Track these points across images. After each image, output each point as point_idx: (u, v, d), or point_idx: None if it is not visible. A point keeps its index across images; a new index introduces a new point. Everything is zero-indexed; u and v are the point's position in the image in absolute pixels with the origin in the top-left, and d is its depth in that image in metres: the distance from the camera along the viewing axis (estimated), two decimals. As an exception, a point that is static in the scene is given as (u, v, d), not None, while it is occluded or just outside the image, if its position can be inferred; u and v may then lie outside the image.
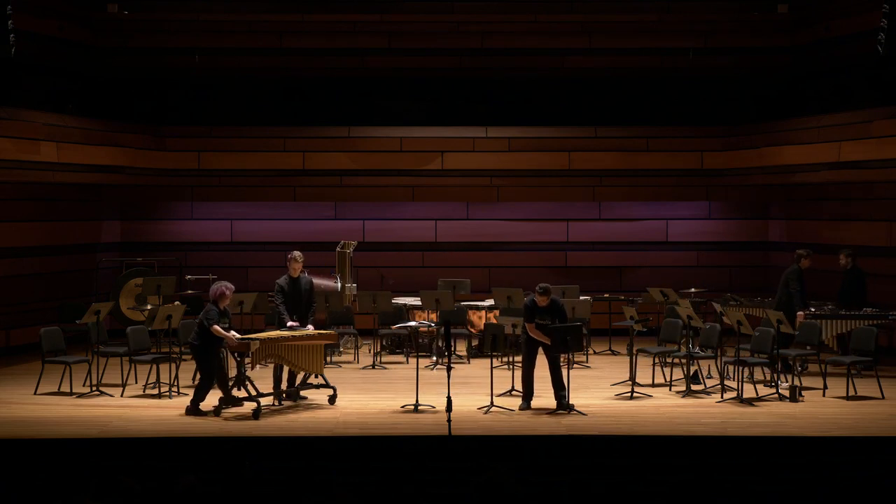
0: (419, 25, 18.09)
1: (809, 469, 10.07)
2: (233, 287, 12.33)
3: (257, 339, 12.01)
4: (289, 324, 12.68)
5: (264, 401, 12.05)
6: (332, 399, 12.50)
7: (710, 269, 18.66)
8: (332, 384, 12.61)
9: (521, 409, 12.12)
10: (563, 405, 12.02)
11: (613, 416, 11.80)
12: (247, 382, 12.05)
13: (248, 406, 11.91)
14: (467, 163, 18.10)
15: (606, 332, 16.36)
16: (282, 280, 12.91)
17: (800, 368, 13.54)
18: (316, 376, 12.66)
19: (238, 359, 12.10)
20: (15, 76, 15.76)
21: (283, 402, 12.46)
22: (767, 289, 17.13)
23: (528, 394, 12.24)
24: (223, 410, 11.87)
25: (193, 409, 11.90)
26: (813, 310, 14.11)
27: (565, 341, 11.84)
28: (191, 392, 12.99)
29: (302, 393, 12.72)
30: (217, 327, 11.93)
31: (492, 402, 12.07)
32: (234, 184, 18.21)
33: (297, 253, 12.97)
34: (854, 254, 14.83)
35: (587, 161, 18.08)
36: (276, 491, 8.29)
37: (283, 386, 12.66)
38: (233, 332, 12.06)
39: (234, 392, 12.06)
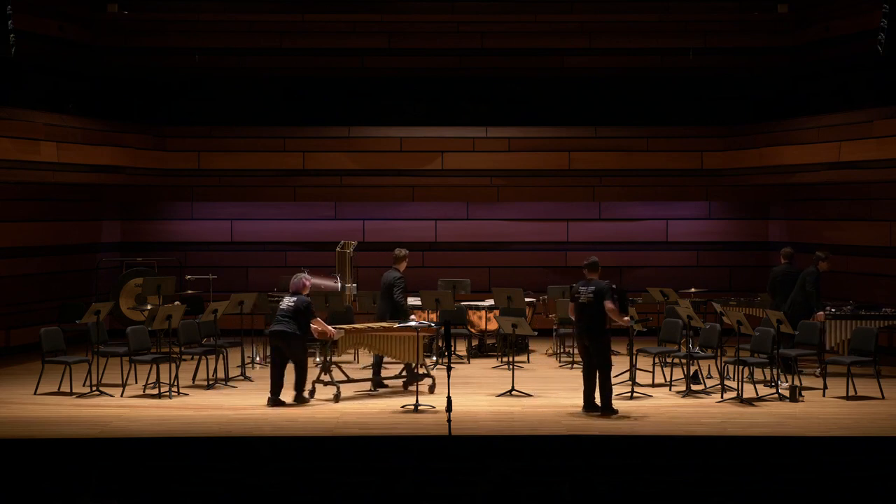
0: (419, 25, 18.10)
1: (809, 469, 10.07)
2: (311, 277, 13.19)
3: (342, 328, 12.86)
4: (412, 317, 13.63)
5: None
6: (431, 388, 13.05)
7: (710, 269, 18.65)
8: (431, 375, 13.23)
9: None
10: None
11: (613, 416, 11.80)
12: (332, 368, 12.85)
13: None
14: (467, 163, 18.10)
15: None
16: (397, 274, 13.68)
17: (802, 370, 13.55)
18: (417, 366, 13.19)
19: (326, 347, 12.99)
20: (15, 76, 15.76)
21: (377, 390, 13.27)
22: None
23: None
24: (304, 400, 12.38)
25: (300, 398, 12.47)
26: (833, 310, 14.08)
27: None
28: (190, 392, 13.02)
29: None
30: (319, 319, 12.78)
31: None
32: (234, 184, 18.21)
33: (405, 251, 13.94)
34: (793, 253, 14.79)
35: (587, 161, 18.09)
36: (276, 491, 8.30)
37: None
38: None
39: (323, 377, 12.80)
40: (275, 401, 12.33)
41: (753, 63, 18.07)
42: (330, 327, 12.70)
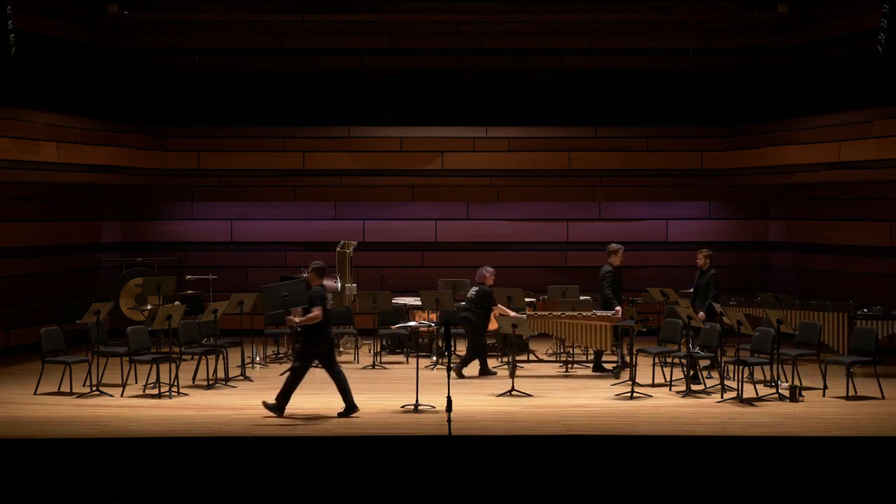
0: (419, 25, 18.10)
1: (809, 469, 10.07)
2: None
3: (525, 314, 13.96)
4: (616, 308, 13.99)
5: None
6: (616, 372, 13.94)
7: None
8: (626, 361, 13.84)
9: None
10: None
11: (613, 416, 11.81)
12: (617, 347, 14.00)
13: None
14: (467, 163, 18.10)
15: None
16: (609, 268, 14.22)
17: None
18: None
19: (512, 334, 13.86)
20: (15, 76, 15.76)
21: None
22: (767, 289, 17.13)
23: None
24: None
25: (459, 373, 13.83)
26: (865, 310, 14.07)
27: None
28: (190, 392, 13.04)
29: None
30: (501, 307, 14.09)
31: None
32: (234, 184, 18.21)
33: (617, 245, 14.47)
34: (713, 255, 14.72)
35: (587, 161, 18.09)
36: (276, 491, 8.31)
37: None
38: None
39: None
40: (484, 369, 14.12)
41: (753, 63, 18.07)
42: (512, 312, 14.04)
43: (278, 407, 11.75)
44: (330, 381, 12.52)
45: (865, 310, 14.22)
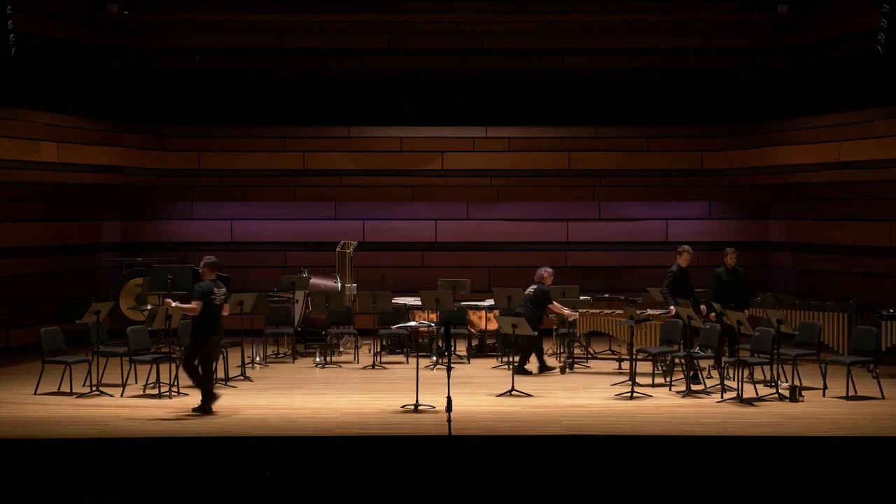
0: (419, 25, 18.09)
1: (809, 469, 10.07)
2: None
3: (577, 312, 14.63)
4: (671, 308, 13.90)
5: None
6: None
7: (710, 269, 18.61)
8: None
9: None
10: None
11: (613, 416, 11.81)
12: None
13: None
14: (467, 163, 18.10)
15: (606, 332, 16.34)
16: (673, 268, 14.21)
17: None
18: None
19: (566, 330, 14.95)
20: (15, 76, 15.76)
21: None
22: (767, 289, 17.13)
23: None
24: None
25: (521, 369, 14.14)
26: (892, 310, 14.07)
27: None
28: (191, 392, 13.01)
29: None
30: (557, 304, 14.60)
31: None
32: (234, 184, 18.21)
33: (684, 246, 14.44)
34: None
35: (587, 161, 18.09)
36: (276, 491, 8.31)
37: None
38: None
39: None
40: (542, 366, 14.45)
41: (754, 63, 18.07)
42: (567, 310, 14.67)
43: (205, 407, 11.94)
44: (330, 381, 12.59)
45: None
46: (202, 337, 12.03)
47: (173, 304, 12.26)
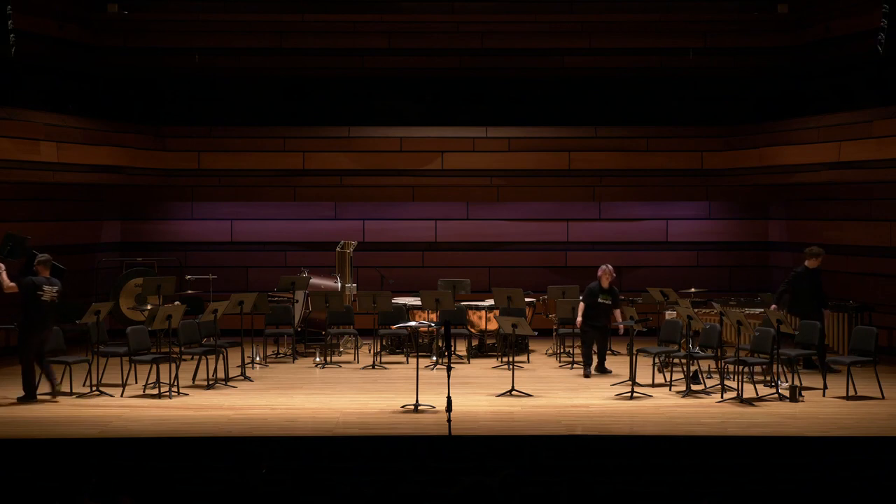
0: (419, 25, 18.09)
1: (809, 469, 10.07)
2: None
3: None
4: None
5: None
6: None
7: (710, 269, 18.66)
8: None
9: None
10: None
11: (613, 416, 11.81)
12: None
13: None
14: (467, 163, 18.10)
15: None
16: (797, 269, 14.20)
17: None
18: None
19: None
20: (15, 76, 15.76)
21: None
22: (767, 289, 17.12)
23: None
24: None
25: (601, 368, 14.31)
26: None
27: None
28: (190, 392, 13.03)
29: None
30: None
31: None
32: (234, 184, 18.20)
33: (816, 248, 14.36)
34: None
35: (587, 161, 18.08)
36: (277, 490, 8.29)
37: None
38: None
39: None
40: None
41: (754, 63, 18.07)
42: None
43: (29, 396, 12.51)
44: (330, 381, 12.59)
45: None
46: (33, 331, 12.55)
47: (4, 276, 12.75)
